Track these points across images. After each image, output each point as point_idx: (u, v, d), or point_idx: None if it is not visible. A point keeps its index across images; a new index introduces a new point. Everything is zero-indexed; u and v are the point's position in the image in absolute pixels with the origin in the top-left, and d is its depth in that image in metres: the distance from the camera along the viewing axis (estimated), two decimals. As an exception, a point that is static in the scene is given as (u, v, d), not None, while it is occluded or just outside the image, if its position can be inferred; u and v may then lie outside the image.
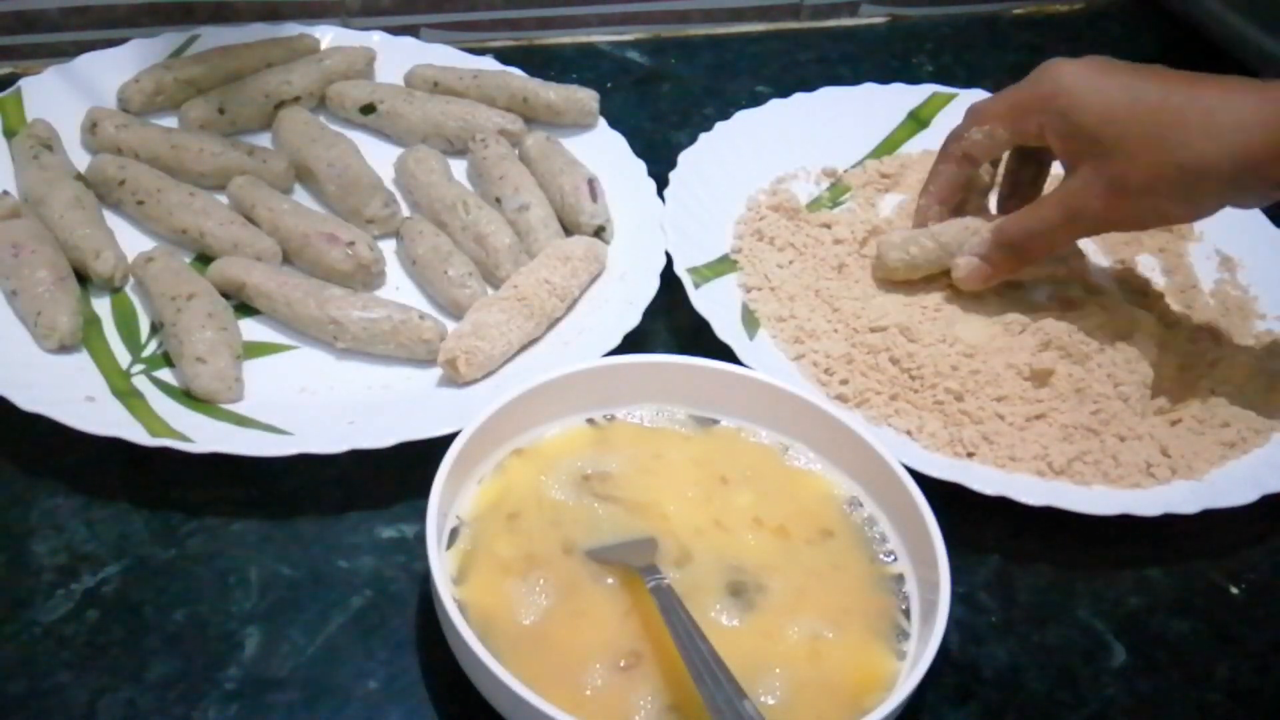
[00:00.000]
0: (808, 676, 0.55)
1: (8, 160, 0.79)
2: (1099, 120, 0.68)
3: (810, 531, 0.61)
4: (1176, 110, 0.66)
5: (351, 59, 0.89)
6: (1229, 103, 0.65)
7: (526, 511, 0.60)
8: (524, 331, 0.72)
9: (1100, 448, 0.68)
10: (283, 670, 0.58)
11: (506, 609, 0.56)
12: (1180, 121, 0.66)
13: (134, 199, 0.77)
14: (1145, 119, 0.67)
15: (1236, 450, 0.70)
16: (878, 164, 0.87)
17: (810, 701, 0.54)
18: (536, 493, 0.61)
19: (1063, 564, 0.67)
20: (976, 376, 0.70)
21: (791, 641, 0.56)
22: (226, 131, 0.84)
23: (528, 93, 0.88)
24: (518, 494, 0.61)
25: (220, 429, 0.65)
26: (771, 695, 0.54)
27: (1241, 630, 0.65)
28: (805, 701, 0.54)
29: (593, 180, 0.82)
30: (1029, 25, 1.11)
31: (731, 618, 0.57)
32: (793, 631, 0.57)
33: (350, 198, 0.79)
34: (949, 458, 0.68)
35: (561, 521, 0.60)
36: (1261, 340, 0.78)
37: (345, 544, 0.63)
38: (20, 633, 0.58)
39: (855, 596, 0.58)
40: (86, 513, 0.63)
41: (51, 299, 0.69)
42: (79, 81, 0.84)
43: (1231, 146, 0.64)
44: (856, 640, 0.57)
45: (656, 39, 1.03)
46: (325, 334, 0.72)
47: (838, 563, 0.60)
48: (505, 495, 0.61)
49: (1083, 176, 0.69)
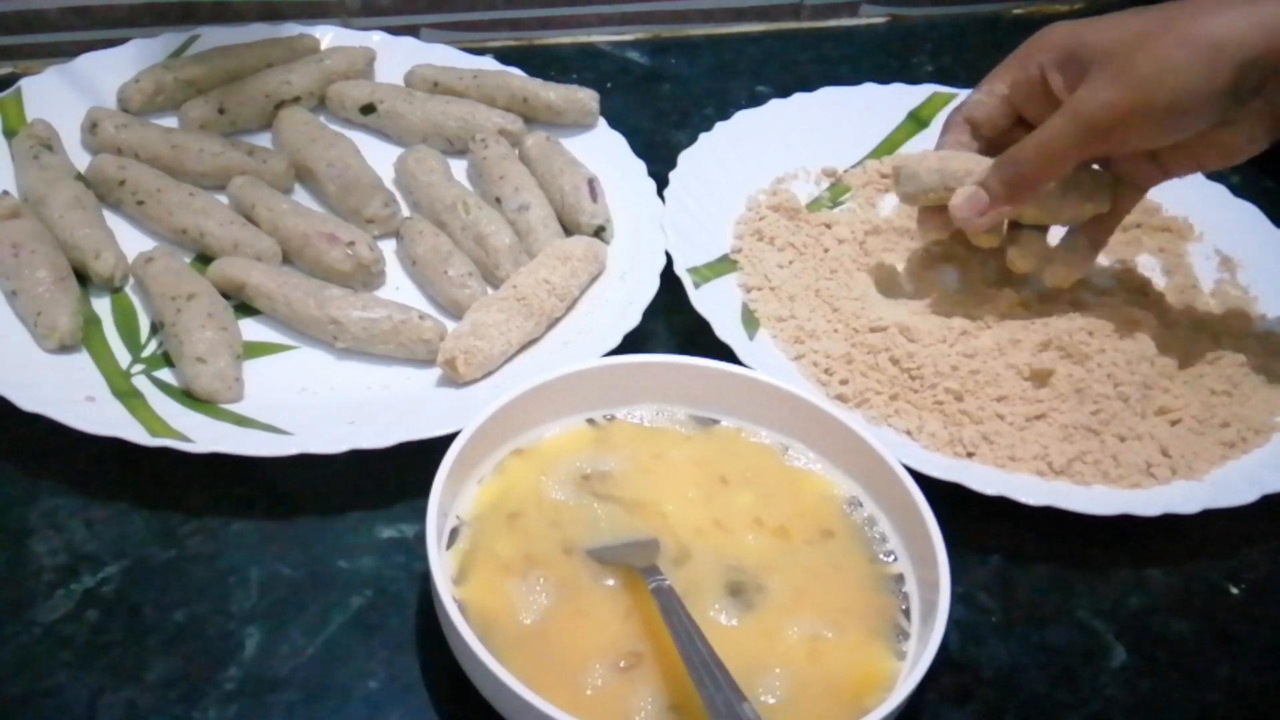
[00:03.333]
0: (808, 677, 0.55)
1: (8, 160, 0.79)
2: (1100, 36, 0.66)
3: (810, 531, 0.61)
4: (1183, 6, 0.64)
5: (351, 59, 0.89)
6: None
7: (526, 511, 0.60)
8: (523, 331, 0.72)
9: (1100, 448, 0.68)
10: (283, 670, 0.58)
11: (506, 609, 0.56)
12: (1193, 8, 0.64)
13: (134, 199, 0.77)
14: (1157, 20, 0.64)
15: (1236, 450, 0.70)
16: (878, 164, 0.87)
17: (810, 702, 0.54)
18: (536, 493, 0.61)
19: (1063, 564, 0.67)
20: (976, 376, 0.70)
21: (791, 642, 0.56)
22: (226, 131, 0.84)
23: (528, 93, 0.88)
24: (518, 494, 0.61)
25: (220, 429, 0.65)
26: (772, 695, 0.54)
27: (1242, 630, 0.65)
28: (805, 702, 0.54)
29: (593, 180, 0.82)
30: (1029, 25, 1.08)
31: (731, 617, 0.57)
32: (792, 632, 0.56)
33: (350, 198, 0.79)
34: (949, 458, 0.68)
35: (561, 521, 0.60)
36: (1262, 340, 0.78)
37: (345, 544, 0.63)
38: (20, 633, 0.58)
39: (855, 596, 0.58)
40: (86, 513, 0.63)
41: (51, 299, 0.69)
42: (79, 81, 0.84)
43: (1262, 15, 0.62)
44: (856, 640, 0.57)
45: (657, 39, 1.03)
46: (325, 334, 0.72)
47: (838, 563, 0.60)
48: (505, 495, 0.60)
49: (1089, 83, 0.66)
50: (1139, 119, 0.65)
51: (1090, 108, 0.65)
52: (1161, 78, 0.64)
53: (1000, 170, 0.68)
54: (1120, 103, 0.65)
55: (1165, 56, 0.63)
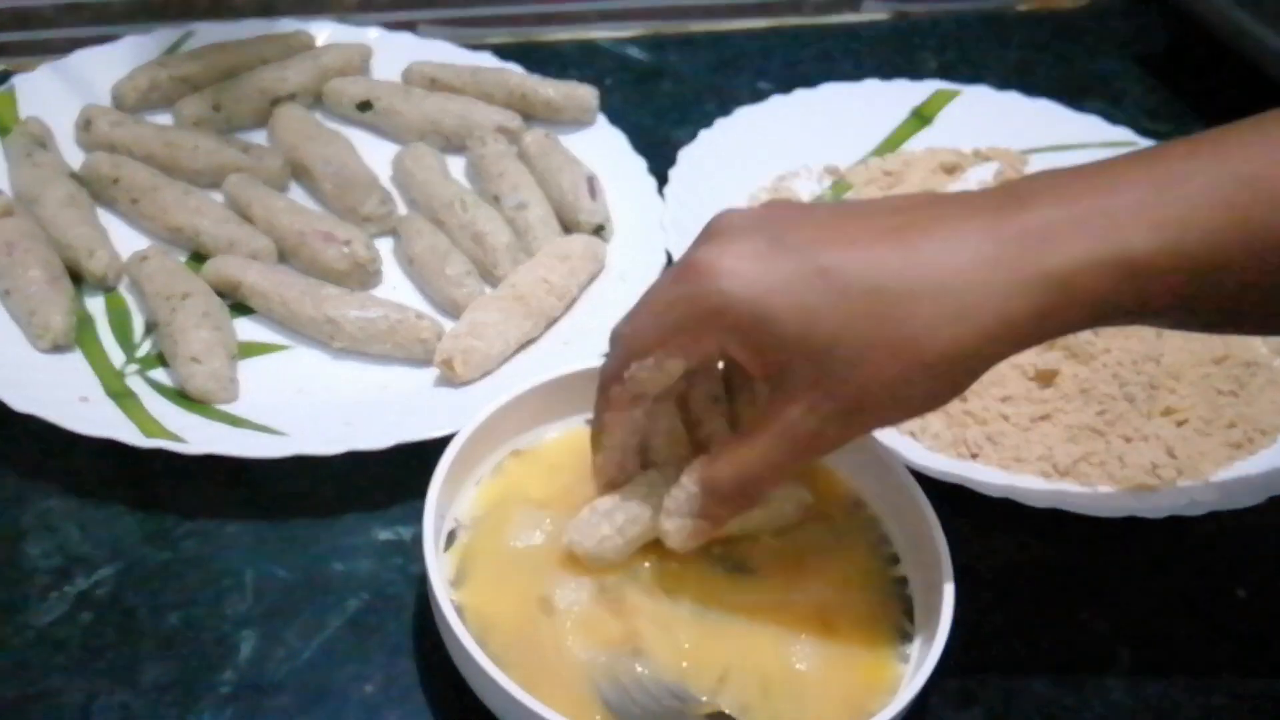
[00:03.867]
0: (808, 679, 0.54)
1: (1, 158, 0.78)
2: (800, 329, 0.49)
3: (811, 532, 0.60)
4: (897, 294, 0.48)
5: (348, 55, 0.88)
6: (958, 261, 0.48)
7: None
8: (522, 331, 0.71)
9: (1106, 449, 0.68)
10: (279, 674, 0.57)
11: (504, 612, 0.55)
12: (910, 303, 0.48)
13: (128, 197, 0.77)
14: (862, 314, 0.49)
15: (1243, 451, 0.70)
16: (880, 161, 0.87)
17: (811, 706, 0.53)
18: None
19: (1067, 566, 0.66)
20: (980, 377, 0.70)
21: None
22: (222, 129, 0.83)
23: (526, 89, 0.87)
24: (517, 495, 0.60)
25: (215, 429, 0.65)
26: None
27: (1248, 633, 0.64)
28: (806, 706, 0.53)
29: (592, 178, 0.81)
30: (1033, 22, 1.10)
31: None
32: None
33: (347, 195, 0.79)
34: (953, 458, 0.67)
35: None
36: (1269, 341, 0.77)
37: (342, 546, 0.63)
38: (13, 636, 0.57)
39: (857, 599, 0.58)
40: (80, 514, 0.63)
41: (45, 298, 0.69)
42: (73, 79, 0.84)
43: (987, 320, 0.48)
44: (859, 643, 0.56)
45: (657, 35, 1.02)
46: (321, 333, 0.71)
47: (839, 565, 0.59)
48: (504, 497, 0.60)
49: (804, 403, 0.50)
50: (859, 427, 0.53)
51: (810, 437, 0.51)
52: (889, 395, 0.50)
53: (715, 503, 0.55)
54: (852, 434, 0.52)
55: (884, 377, 0.49)
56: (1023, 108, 0.92)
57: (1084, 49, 1.07)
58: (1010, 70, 1.02)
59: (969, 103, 0.92)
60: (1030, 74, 1.01)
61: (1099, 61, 1.05)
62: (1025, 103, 0.92)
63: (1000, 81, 0.95)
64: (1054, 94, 0.93)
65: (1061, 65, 1.04)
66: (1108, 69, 1.05)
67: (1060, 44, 1.07)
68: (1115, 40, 1.08)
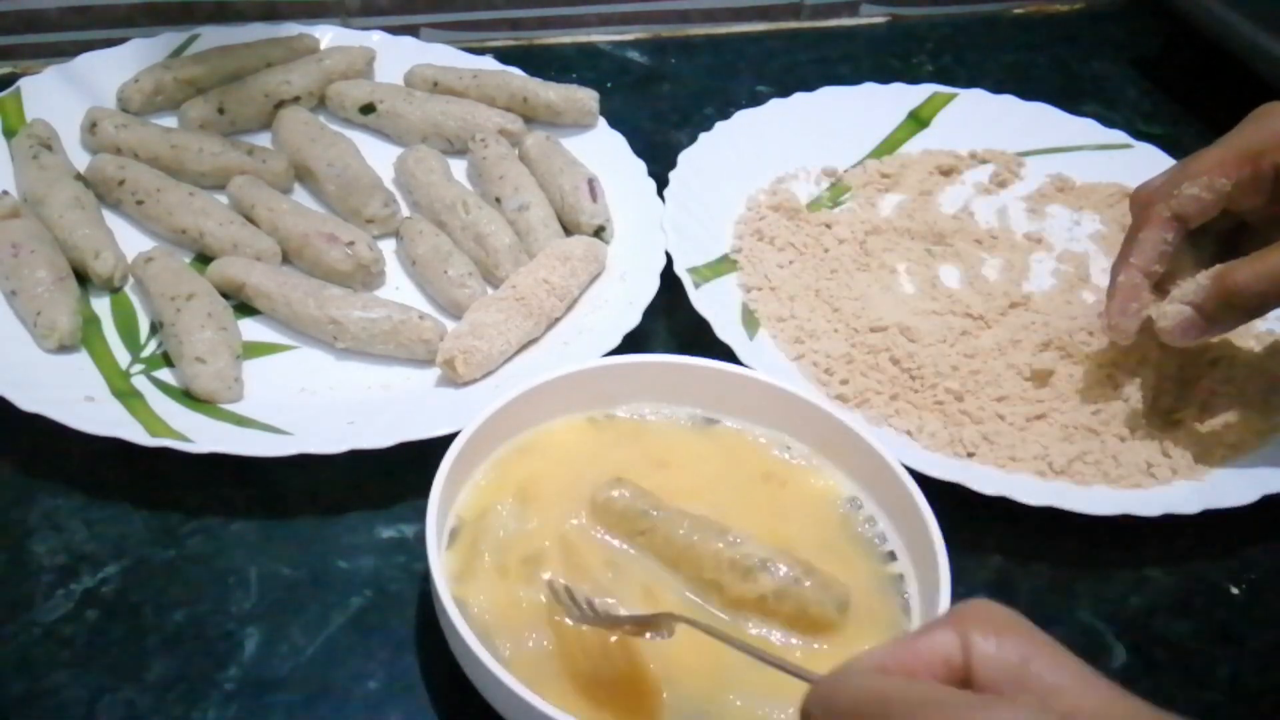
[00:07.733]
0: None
1: (7, 160, 0.79)
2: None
3: (810, 532, 0.61)
4: None
5: (351, 59, 0.89)
6: None
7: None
8: (523, 331, 0.72)
9: (1101, 448, 0.68)
10: (282, 670, 0.58)
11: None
12: None
13: (133, 199, 0.77)
14: None
15: (1237, 450, 0.70)
16: (878, 164, 0.87)
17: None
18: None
19: (1063, 564, 0.66)
20: (977, 376, 0.70)
21: (791, 642, 0.56)
22: (226, 131, 0.84)
23: (527, 92, 0.87)
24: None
25: (220, 429, 0.65)
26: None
27: (1243, 630, 0.65)
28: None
29: (592, 180, 0.81)
30: (1029, 25, 1.11)
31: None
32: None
33: (350, 197, 0.79)
34: (949, 458, 0.68)
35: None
36: (1262, 340, 0.78)
37: (345, 544, 0.63)
38: (19, 633, 0.58)
39: (855, 597, 0.58)
40: (86, 513, 0.63)
41: (51, 299, 0.69)
42: (78, 81, 0.84)
43: None
44: (857, 642, 0.56)
45: (657, 39, 1.02)
46: (325, 334, 0.71)
47: (838, 563, 0.60)
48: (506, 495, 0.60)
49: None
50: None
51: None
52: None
53: (1220, 300, 0.61)
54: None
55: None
56: (1018, 110, 0.92)
57: (1079, 52, 1.07)
58: (1006, 73, 1.02)
59: (965, 105, 0.92)
60: (1026, 77, 1.02)
61: (1094, 64, 1.06)
62: (1021, 105, 0.93)
63: (996, 84, 0.95)
64: (1049, 97, 0.94)
65: (1057, 68, 1.05)
66: (1103, 72, 1.05)
67: (1055, 47, 1.08)
68: (1110, 43, 1.09)
